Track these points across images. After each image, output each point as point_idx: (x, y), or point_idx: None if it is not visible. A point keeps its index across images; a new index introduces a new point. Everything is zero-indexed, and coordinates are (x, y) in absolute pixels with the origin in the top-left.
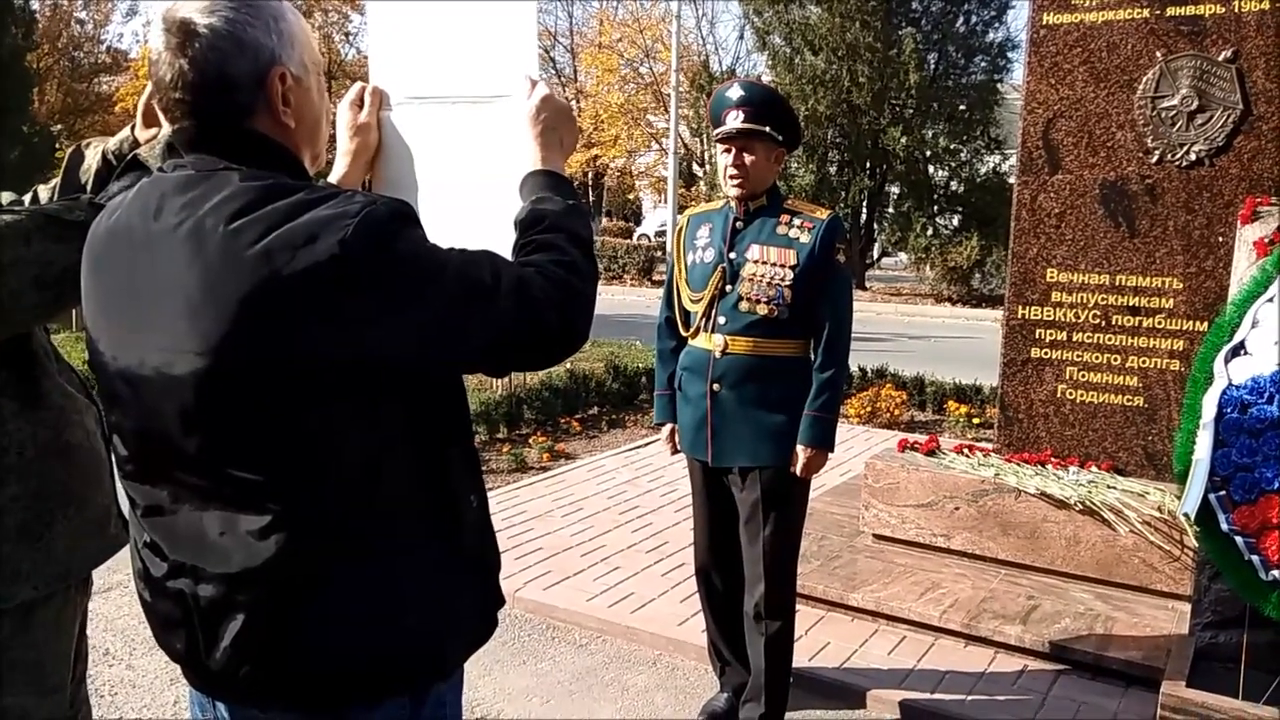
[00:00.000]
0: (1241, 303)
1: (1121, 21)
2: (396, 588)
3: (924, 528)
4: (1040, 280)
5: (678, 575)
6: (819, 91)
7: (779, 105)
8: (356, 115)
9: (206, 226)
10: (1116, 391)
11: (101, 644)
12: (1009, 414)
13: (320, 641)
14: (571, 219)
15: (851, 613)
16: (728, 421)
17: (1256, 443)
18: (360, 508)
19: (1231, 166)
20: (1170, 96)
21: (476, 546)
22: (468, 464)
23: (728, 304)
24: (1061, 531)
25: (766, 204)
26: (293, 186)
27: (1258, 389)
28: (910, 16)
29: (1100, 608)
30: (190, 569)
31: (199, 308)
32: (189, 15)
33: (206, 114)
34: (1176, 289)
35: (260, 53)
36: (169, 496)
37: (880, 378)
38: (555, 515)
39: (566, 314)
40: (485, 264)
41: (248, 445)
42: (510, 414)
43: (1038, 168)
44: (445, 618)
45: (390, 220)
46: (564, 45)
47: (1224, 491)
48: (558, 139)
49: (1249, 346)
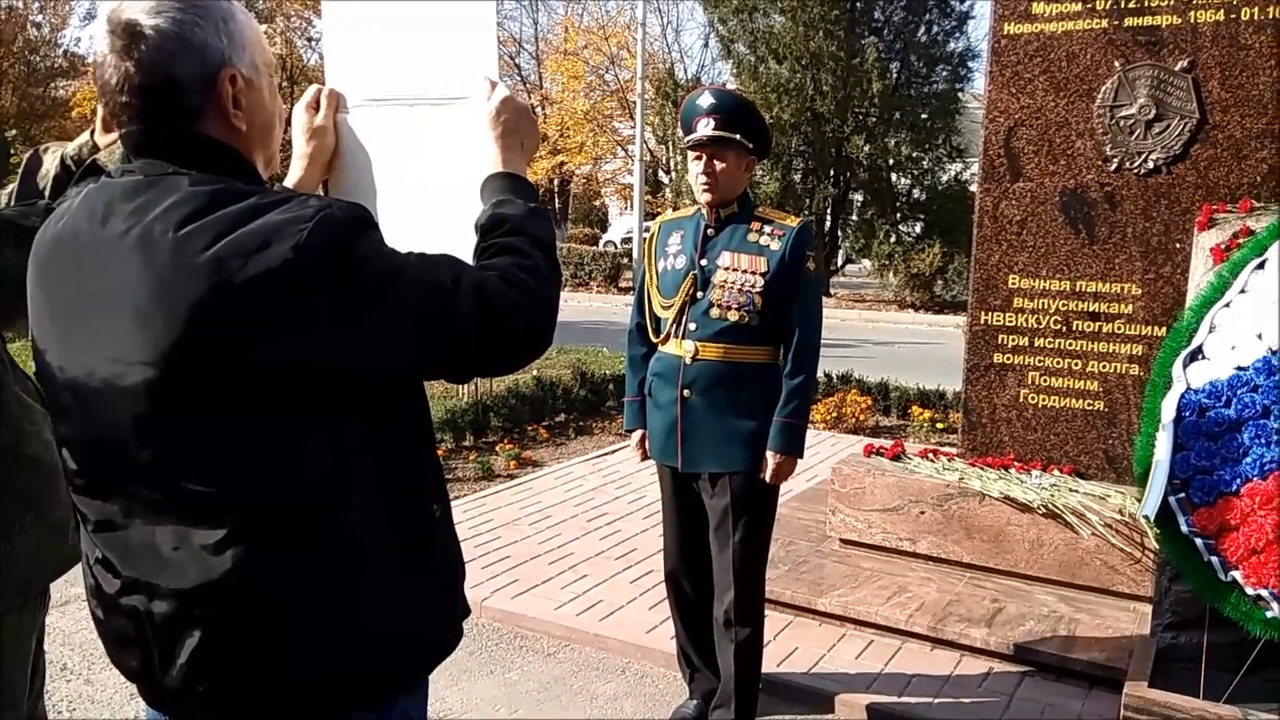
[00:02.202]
0: (1199, 308)
1: (1080, 32)
2: (358, 600)
3: (890, 532)
4: (1002, 286)
5: (646, 582)
6: (783, 100)
7: (750, 113)
8: (313, 118)
9: (155, 233)
10: (1077, 396)
11: (59, 659)
12: (972, 418)
13: (280, 658)
14: (533, 222)
15: (819, 617)
16: (698, 427)
17: (1214, 445)
18: (320, 519)
19: (1188, 174)
20: (1128, 105)
21: (440, 557)
22: (430, 473)
23: (699, 310)
24: (1025, 535)
25: (738, 211)
26: (244, 191)
27: (1215, 393)
28: (873, 26)
29: (1064, 610)
30: (144, 585)
31: (149, 317)
32: (134, 16)
33: (154, 117)
34: (1135, 295)
35: (209, 54)
36: (120, 511)
37: (845, 383)
38: (522, 523)
39: (529, 317)
40: (445, 268)
41: (201, 457)
42: (476, 421)
43: (999, 175)
44: (409, 630)
45: (347, 225)
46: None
47: (1183, 494)
48: (519, 141)
49: (1206, 351)
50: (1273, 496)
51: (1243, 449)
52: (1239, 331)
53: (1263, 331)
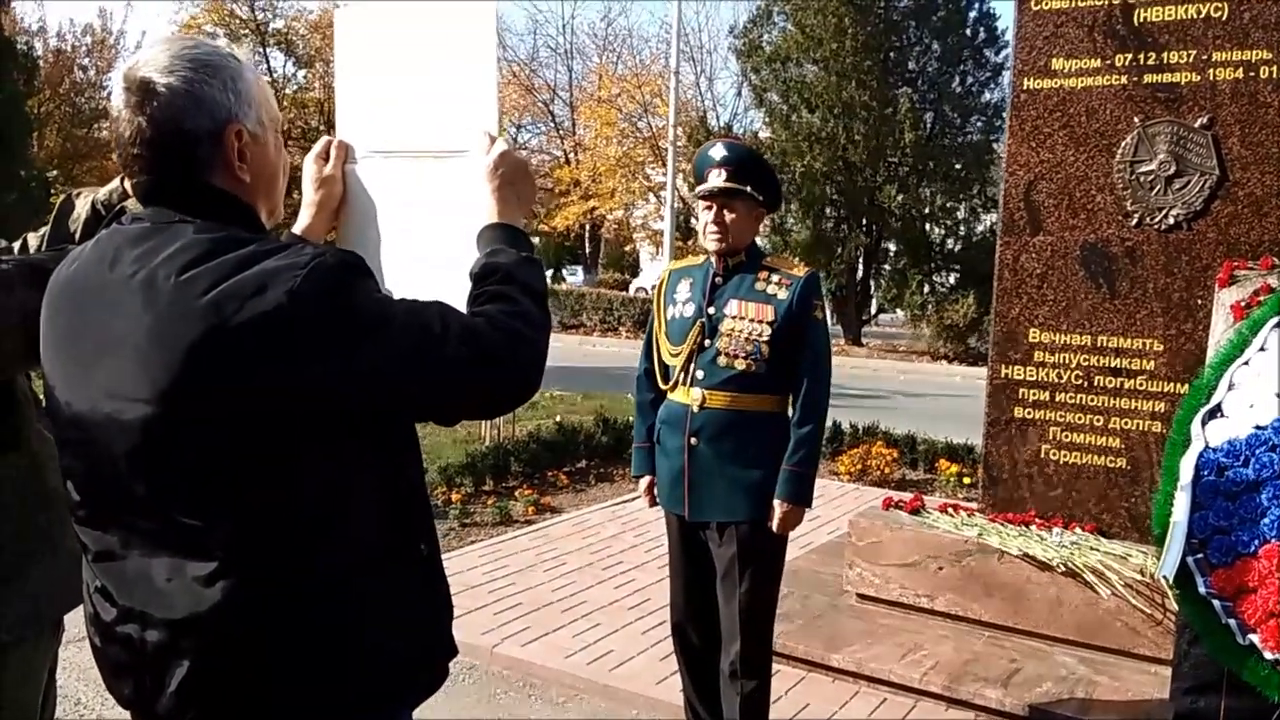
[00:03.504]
0: (1218, 365)
1: (1100, 88)
2: (343, 636)
3: (907, 588)
4: (1023, 340)
5: (658, 633)
6: (815, 149)
7: (760, 166)
8: (322, 168)
9: (159, 277)
10: (1099, 453)
11: (73, 693)
12: (993, 474)
13: (264, 689)
14: (525, 270)
15: (833, 673)
16: (705, 476)
17: (1233, 505)
18: (307, 556)
19: (1209, 231)
20: (1148, 161)
21: (426, 596)
22: (418, 513)
23: (706, 358)
24: (1045, 594)
25: (746, 260)
26: (245, 239)
27: (1234, 452)
28: (906, 77)
29: (1083, 671)
30: (138, 614)
31: (149, 356)
32: (149, 75)
33: (163, 169)
34: (1157, 351)
35: (217, 110)
36: (119, 542)
37: (871, 435)
38: (537, 570)
39: (517, 362)
40: (435, 313)
41: (195, 492)
42: (497, 466)
43: (1019, 229)
44: (392, 667)
45: (339, 271)
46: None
47: (1201, 554)
48: (515, 194)
49: (1225, 409)
50: None
51: (1261, 509)
52: (1258, 390)
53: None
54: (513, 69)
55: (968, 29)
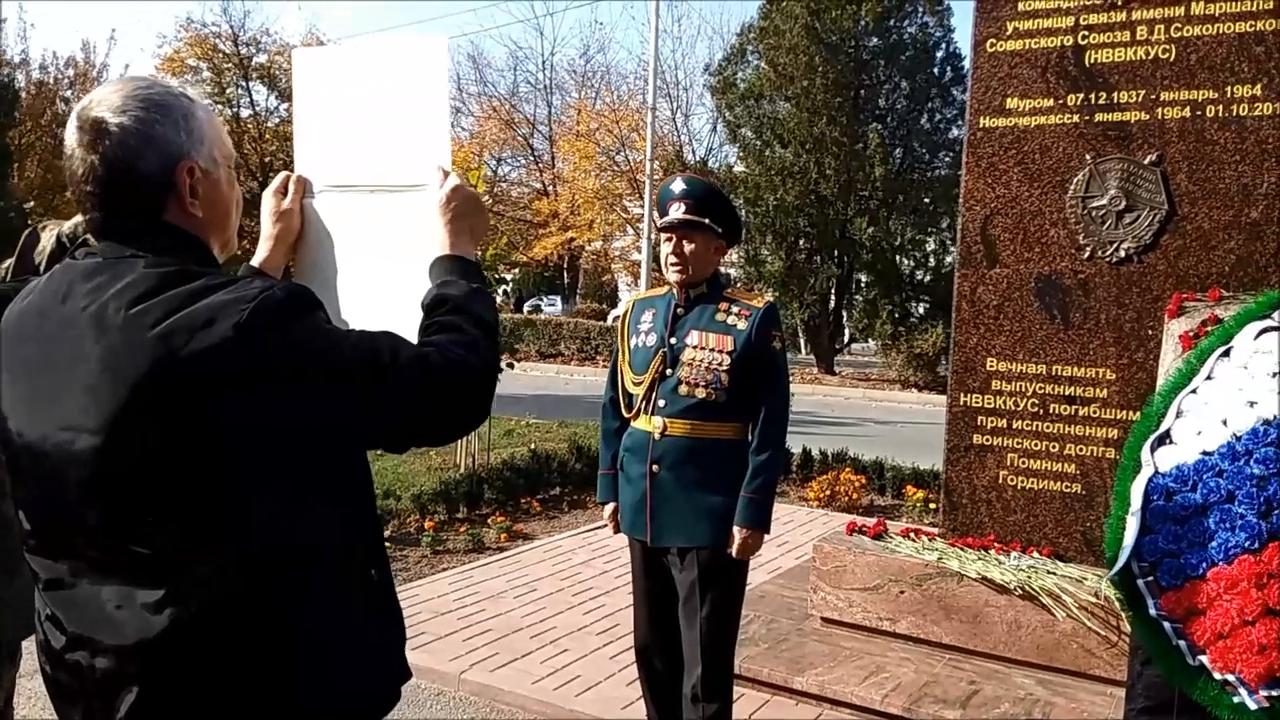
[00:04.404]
0: (1167, 393)
1: (1053, 125)
2: (293, 662)
3: (870, 611)
4: (981, 369)
5: (626, 658)
6: (788, 182)
7: (719, 199)
8: (280, 202)
9: (110, 310)
10: (1055, 478)
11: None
12: (953, 499)
13: (213, 716)
14: (475, 301)
15: (796, 696)
16: (666, 502)
17: (1181, 529)
18: (257, 582)
19: (1159, 263)
20: (1099, 196)
21: (378, 620)
22: (369, 538)
23: (668, 387)
24: (1003, 616)
25: (707, 291)
26: (195, 273)
27: (1182, 477)
28: (876, 113)
29: (1040, 693)
30: (88, 641)
31: (98, 387)
32: (102, 114)
33: (116, 206)
34: (1110, 379)
35: (169, 148)
36: (69, 570)
37: (840, 462)
38: (508, 596)
39: (465, 392)
40: (384, 343)
41: (143, 521)
42: (470, 493)
43: (976, 261)
44: (343, 692)
45: (287, 303)
46: (543, 133)
47: (1152, 577)
48: (467, 226)
49: (1174, 436)
50: (1238, 581)
51: (1209, 533)
52: (1205, 417)
53: (1227, 418)
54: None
55: (935, 68)
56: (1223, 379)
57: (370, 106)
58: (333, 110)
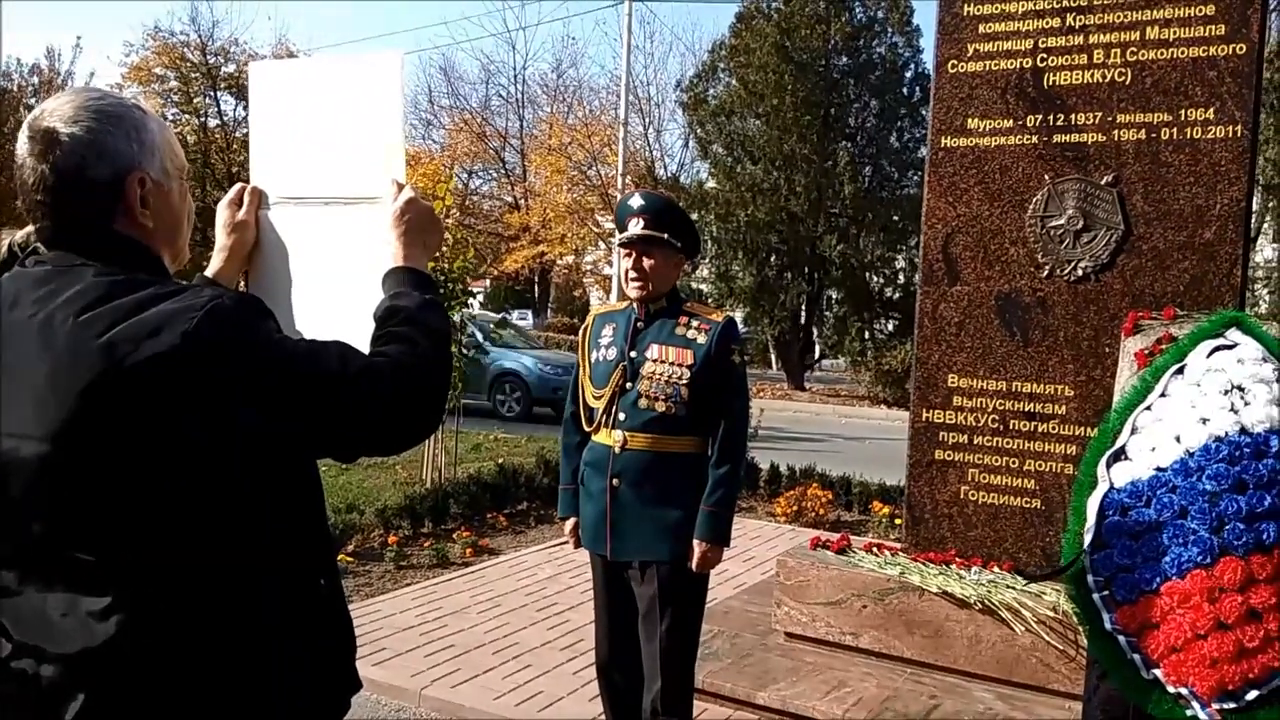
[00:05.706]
0: (1123, 410)
1: (1012, 146)
2: (240, 669)
3: (833, 625)
4: (942, 385)
5: (589, 673)
6: (758, 199)
7: (677, 214)
8: (235, 213)
9: (57, 319)
10: (1016, 494)
11: None
12: (915, 514)
13: None
14: (426, 313)
15: (759, 711)
16: (627, 516)
17: (1136, 544)
18: (203, 590)
19: (1115, 282)
20: (1058, 216)
21: (326, 630)
22: (318, 548)
23: (628, 401)
24: (964, 631)
25: (666, 306)
26: (144, 282)
27: (1136, 493)
28: (846, 132)
29: (1000, 708)
30: (33, 649)
31: (45, 396)
32: (53, 125)
33: (66, 215)
34: (1068, 396)
35: (119, 159)
36: (15, 578)
37: (807, 477)
38: (471, 612)
39: (415, 402)
40: (334, 352)
41: (88, 529)
42: (436, 508)
43: (938, 279)
44: (291, 701)
45: (236, 312)
46: (514, 147)
47: (1107, 592)
48: (421, 239)
49: (1129, 452)
50: (1190, 595)
51: (1162, 548)
52: (1159, 433)
53: (1180, 434)
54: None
55: (904, 88)
56: (1176, 396)
57: (326, 119)
58: (289, 123)
